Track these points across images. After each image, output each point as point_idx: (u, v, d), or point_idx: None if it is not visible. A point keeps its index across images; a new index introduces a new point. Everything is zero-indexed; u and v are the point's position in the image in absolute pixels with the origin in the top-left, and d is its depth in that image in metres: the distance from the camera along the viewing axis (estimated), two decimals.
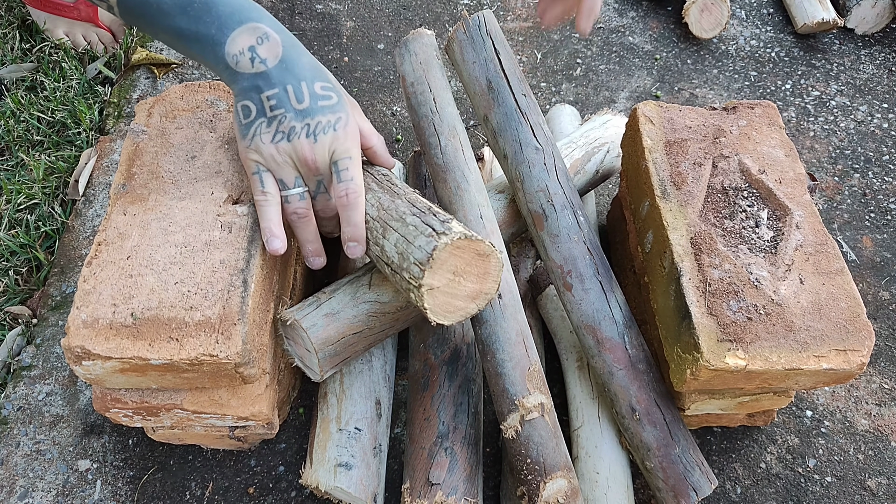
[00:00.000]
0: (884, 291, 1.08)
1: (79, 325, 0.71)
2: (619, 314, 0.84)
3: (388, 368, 0.93)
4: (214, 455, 0.92)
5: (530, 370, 0.78)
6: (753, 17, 1.45)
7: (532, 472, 0.75)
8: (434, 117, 0.88)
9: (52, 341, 1.01)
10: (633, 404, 0.80)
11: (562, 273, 0.85)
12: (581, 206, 0.89)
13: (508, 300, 0.80)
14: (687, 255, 0.79)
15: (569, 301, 0.85)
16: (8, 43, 1.35)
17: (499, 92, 0.90)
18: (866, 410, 0.97)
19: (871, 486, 0.91)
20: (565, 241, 0.86)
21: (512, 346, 0.78)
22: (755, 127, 0.90)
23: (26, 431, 0.93)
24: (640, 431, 0.80)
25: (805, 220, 0.82)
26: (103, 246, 0.76)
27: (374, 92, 1.31)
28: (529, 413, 0.76)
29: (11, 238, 1.10)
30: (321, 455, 0.82)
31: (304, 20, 1.42)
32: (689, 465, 0.78)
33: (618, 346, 0.82)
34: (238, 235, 0.77)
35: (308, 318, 0.79)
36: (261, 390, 0.80)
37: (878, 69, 1.36)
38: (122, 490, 0.89)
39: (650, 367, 0.83)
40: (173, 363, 0.70)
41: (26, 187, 1.16)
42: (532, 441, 0.75)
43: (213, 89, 0.89)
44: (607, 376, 0.82)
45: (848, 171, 1.22)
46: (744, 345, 0.72)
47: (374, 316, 0.82)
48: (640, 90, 1.33)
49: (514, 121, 0.89)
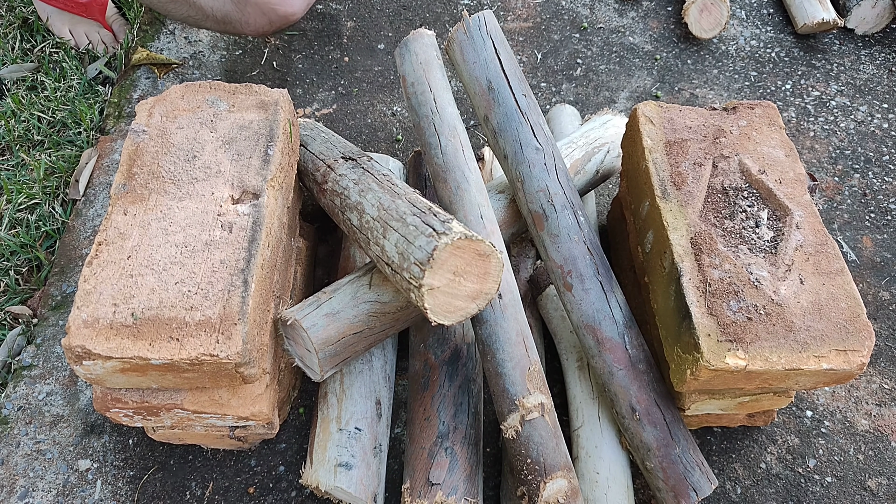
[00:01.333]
0: (884, 291, 1.08)
1: (79, 325, 0.71)
2: (620, 314, 0.84)
3: (389, 368, 0.93)
4: (215, 455, 0.92)
5: (530, 370, 0.78)
6: (753, 18, 1.45)
7: (532, 472, 0.75)
8: (434, 117, 0.88)
9: (52, 341, 1.01)
10: (633, 404, 0.80)
11: (562, 273, 0.85)
12: (581, 206, 0.89)
13: (509, 300, 0.80)
14: (687, 256, 0.79)
15: (569, 301, 0.85)
16: (9, 43, 1.35)
17: (499, 92, 0.90)
18: (866, 410, 0.97)
19: (872, 487, 0.91)
20: (565, 242, 0.86)
21: (512, 346, 0.78)
22: (755, 127, 0.90)
23: (27, 431, 0.93)
24: (640, 431, 0.80)
25: (805, 221, 0.82)
26: (104, 246, 0.76)
27: (374, 92, 1.32)
28: (530, 413, 0.76)
29: (12, 238, 1.11)
30: (321, 455, 0.82)
31: (305, 20, 1.42)
32: (690, 465, 0.78)
33: (618, 346, 0.82)
34: (238, 235, 0.77)
35: (308, 317, 0.79)
36: (261, 390, 0.80)
37: (878, 69, 1.36)
38: (122, 490, 0.89)
39: (650, 368, 0.83)
40: (174, 363, 0.70)
41: (27, 187, 1.16)
42: (532, 441, 0.75)
43: (213, 89, 0.90)
44: (607, 376, 0.82)
45: (848, 171, 1.22)
46: (744, 345, 0.72)
47: (375, 316, 0.82)
48: (641, 90, 1.33)
49: (515, 121, 0.89)
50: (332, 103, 1.30)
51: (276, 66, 1.35)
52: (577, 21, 1.43)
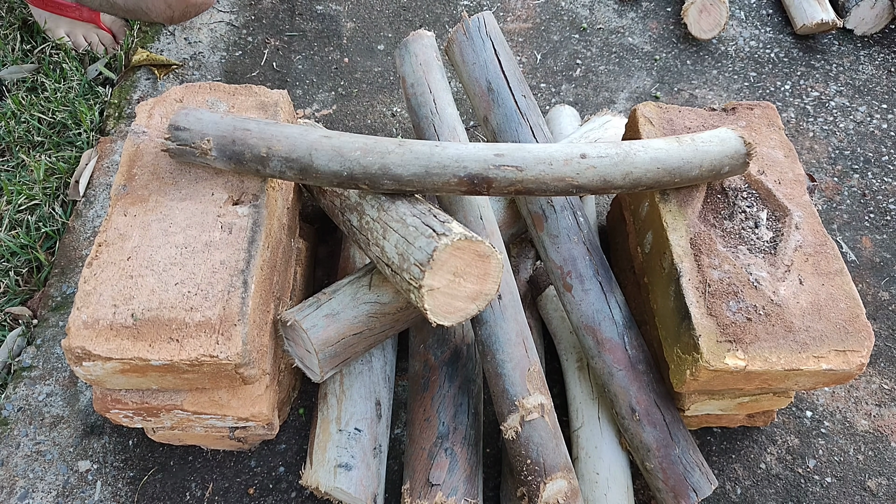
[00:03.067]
0: (883, 292, 1.08)
1: (79, 326, 0.71)
2: (619, 315, 0.84)
3: (388, 369, 0.93)
4: (214, 456, 0.92)
5: (530, 371, 0.78)
6: (752, 18, 1.45)
7: (532, 473, 0.75)
8: (434, 118, 0.88)
9: (52, 342, 1.01)
10: (632, 405, 0.80)
11: (562, 274, 0.86)
12: (581, 206, 0.89)
13: (508, 301, 0.80)
14: (686, 256, 0.79)
15: (569, 302, 0.85)
16: (9, 44, 1.35)
17: (499, 93, 0.90)
18: (866, 411, 0.97)
19: (871, 487, 0.91)
20: (565, 242, 0.86)
21: (512, 346, 0.78)
22: (754, 128, 0.90)
23: (27, 432, 0.93)
24: (639, 432, 0.80)
25: (804, 221, 0.82)
26: (104, 247, 0.76)
27: (373, 93, 1.32)
28: (529, 414, 0.76)
29: (12, 239, 1.11)
30: (321, 456, 0.82)
31: (304, 21, 1.42)
32: (689, 466, 0.78)
33: (618, 347, 0.82)
34: (238, 236, 0.77)
35: (308, 318, 0.79)
36: (261, 391, 0.80)
37: (877, 70, 1.36)
38: (122, 491, 0.89)
39: (650, 368, 0.83)
40: (173, 364, 0.70)
41: (27, 188, 1.16)
42: (532, 442, 0.75)
43: (213, 90, 0.90)
44: (607, 377, 0.82)
45: (847, 171, 1.22)
46: (743, 345, 0.73)
47: (375, 317, 0.82)
48: (640, 91, 1.33)
49: (514, 122, 0.89)
50: (332, 104, 1.30)
51: (276, 66, 1.35)
52: (577, 22, 1.43)
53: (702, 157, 0.78)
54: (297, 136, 0.77)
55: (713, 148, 0.79)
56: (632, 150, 0.77)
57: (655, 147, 0.78)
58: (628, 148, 0.77)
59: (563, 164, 0.75)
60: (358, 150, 0.77)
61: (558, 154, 0.76)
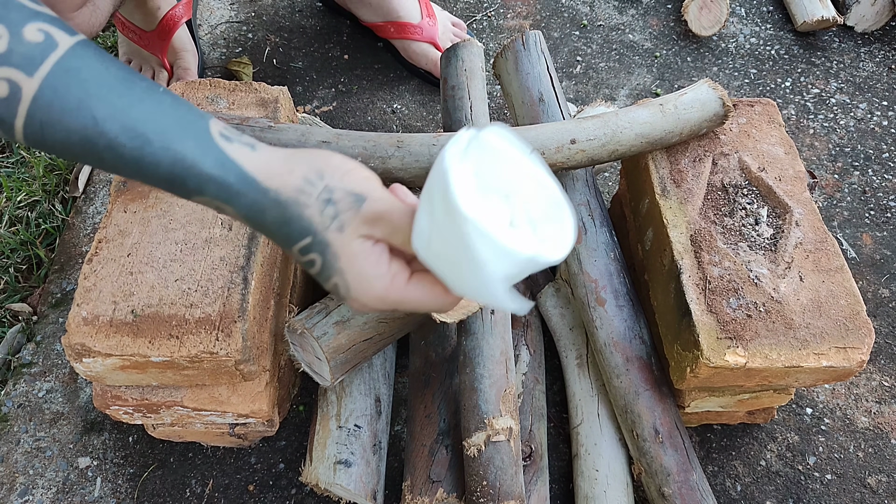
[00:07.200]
0: (883, 289, 1.08)
1: (79, 323, 0.71)
2: (648, 334, 0.84)
3: (388, 366, 0.93)
4: (215, 452, 0.92)
5: (506, 392, 0.77)
6: (753, 15, 1.45)
7: (486, 496, 0.73)
8: (468, 124, 0.90)
9: (52, 338, 1.01)
10: (657, 426, 0.79)
11: (596, 287, 0.85)
12: (611, 224, 0.90)
13: (500, 318, 0.80)
14: (687, 253, 0.79)
15: (600, 316, 0.85)
16: None
17: (549, 105, 0.93)
18: (866, 408, 0.97)
19: (872, 484, 0.91)
20: (602, 257, 0.86)
21: (494, 363, 0.78)
22: (755, 124, 0.90)
23: (26, 428, 0.93)
24: (661, 455, 0.78)
25: (805, 218, 0.82)
26: (104, 243, 0.76)
27: (374, 89, 1.31)
28: (497, 434, 0.74)
29: (12, 235, 1.11)
30: (321, 452, 0.82)
31: (305, 18, 1.42)
32: (705, 493, 0.77)
33: (646, 367, 0.82)
34: (238, 233, 0.77)
35: (318, 326, 0.78)
36: (261, 387, 0.80)
37: (877, 67, 1.36)
38: (122, 487, 0.89)
39: (672, 391, 0.82)
40: (173, 360, 0.70)
41: (27, 184, 1.16)
42: (493, 464, 0.74)
43: (213, 87, 0.89)
44: (632, 396, 0.81)
45: (848, 168, 1.22)
46: (743, 342, 0.72)
47: (384, 321, 0.82)
48: (641, 87, 1.33)
49: None
50: (332, 101, 1.30)
51: (276, 63, 1.34)
52: (577, 19, 1.43)
53: (682, 125, 0.84)
54: (294, 144, 0.78)
55: (694, 115, 0.84)
56: (618, 128, 0.81)
57: (641, 122, 0.82)
58: (615, 127, 0.81)
59: (554, 151, 0.80)
60: (357, 156, 0.77)
61: (550, 143, 0.80)
